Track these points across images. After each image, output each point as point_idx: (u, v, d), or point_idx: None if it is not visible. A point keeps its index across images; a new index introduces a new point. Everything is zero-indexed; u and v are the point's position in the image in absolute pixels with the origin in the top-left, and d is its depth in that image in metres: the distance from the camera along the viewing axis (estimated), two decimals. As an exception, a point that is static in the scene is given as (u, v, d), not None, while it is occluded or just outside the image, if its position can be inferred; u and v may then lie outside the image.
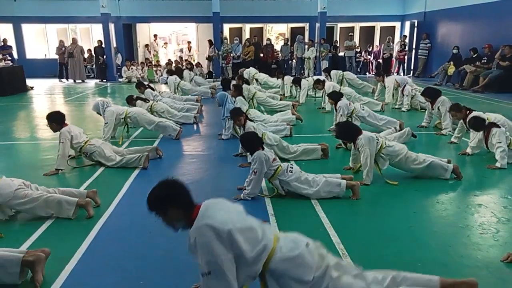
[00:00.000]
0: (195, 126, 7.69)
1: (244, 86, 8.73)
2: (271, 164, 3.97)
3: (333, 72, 11.37)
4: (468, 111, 5.65)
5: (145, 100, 7.79)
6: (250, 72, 12.47)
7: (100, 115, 6.42)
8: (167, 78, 11.48)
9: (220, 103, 6.56)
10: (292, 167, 4.08)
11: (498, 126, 5.08)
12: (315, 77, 10.68)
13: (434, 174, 4.48)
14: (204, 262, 2.03)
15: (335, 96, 6.59)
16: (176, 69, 14.12)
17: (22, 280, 2.66)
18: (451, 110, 5.83)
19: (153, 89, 9.08)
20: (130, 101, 7.61)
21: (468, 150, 5.40)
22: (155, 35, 18.83)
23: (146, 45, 18.53)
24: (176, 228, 2.24)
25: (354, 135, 4.41)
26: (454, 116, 5.84)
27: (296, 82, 10.15)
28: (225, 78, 9.48)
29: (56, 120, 4.98)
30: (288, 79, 10.93)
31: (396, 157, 4.43)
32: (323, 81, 9.08)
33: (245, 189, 4.06)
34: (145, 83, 9.49)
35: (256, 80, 12.32)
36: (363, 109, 6.56)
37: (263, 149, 4.01)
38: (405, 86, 8.87)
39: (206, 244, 2.03)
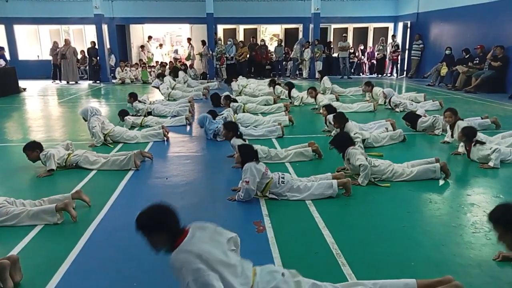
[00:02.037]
0: (188, 127, 7.68)
1: (232, 105, 8.60)
2: (264, 174, 3.99)
3: (326, 78, 11.37)
4: (458, 118, 5.83)
5: (137, 115, 7.94)
6: (240, 83, 12.28)
7: (85, 120, 6.35)
8: (160, 84, 11.42)
9: (201, 125, 6.60)
10: (283, 178, 4.10)
11: (484, 143, 5.14)
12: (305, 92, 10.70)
13: (423, 178, 4.53)
14: (192, 281, 2.04)
15: (330, 109, 6.63)
16: (173, 69, 14.07)
17: None
18: (447, 111, 5.94)
19: (143, 101, 9.03)
20: (122, 115, 7.54)
21: (461, 150, 5.45)
22: (149, 37, 18.77)
23: (141, 46, 18.47)
24: (158, 251, 2.27)
25: (345, 146, 4.55)
26: (448, 117, 5.90)
27: (288, 86, 10.07)
28: (215, 94, 9.44)
29: (38, 147, 4.97)
30: (281, 87, 10.78)
31: (382, 176, 4.53)
32: (317, 92, 9.06)
33: (239, 191, 4.07)
34: (145, 97, 9.40)
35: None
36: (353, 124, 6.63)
37: (258, 162, 4.04)
38: (391, 98, 9.03)
39: (188, 264, 2.06)
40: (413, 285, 2.37)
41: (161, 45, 19.53)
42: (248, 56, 16.76)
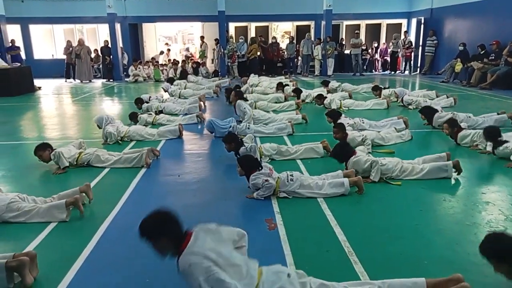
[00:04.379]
0: (199, 125, 7.70)
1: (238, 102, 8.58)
2: (269, 175, 3.99)
3: (332, 83, 11.31)
4: (457, 130, 5.74)
5: (148, 113, 7.95)
6: (252, 82, 12.26)
7: (100, 128, 6.44)
8: (169, 87, 11.55)
9: (210, 131, 6.61)
10: (292, 176, 4.08)
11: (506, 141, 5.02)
12: (315, 90, 10.61)
13: (435, 177, 4.44)
14: (203, 281, 2.07)
15: (334, 116, 6.53)
16: (181, 73, 14.18)
17: (12, 284, 2.64)
18: (446, 123, 5.89)
19: (147, 102, 9.16)
20: (134, 117, 7.62)
21: (489, 149, 5.31)
22: (169, 50, 18.97)
23: (161, 52, 18.71)
24: (164, 256, 2.31)
25: (346, 157, 4.51)
26: (446, 129, 5.84)
27: (296, 92, 10.02)
28: (228, 89, 9.54)
29: (48, 146, 5.06)
30: (289, 89, 10.72)
31: (391, 174, 4.46)
32: (324, 97, 8.97)
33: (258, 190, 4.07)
34: (145, 96, 9.54)
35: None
36: (363, 122, 6.56)
37: (261, 168, 4.04)
38: (403, 97, 8.94)
39: (197, 265, 2.09)
40: (422, 284, 2.35)
41: (168, 49, 19.58)
42: (258, 53, 16.73)
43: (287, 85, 11.00)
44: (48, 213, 3.60)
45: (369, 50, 17.81)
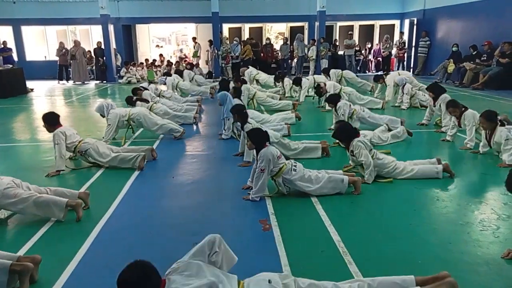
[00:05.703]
0: (194, 126, 7.70)
1: (244, 86, 8.73)
2: (277, 161, 3.95)
3: (332, 71, 11.37)
4: (464, 109, 5.74)
5: (145, 101, 7.76)
6: (251, 72, 12.44)
7: (103, 116, 6.40)
8: (165, 78, 11.42)
9: (221, 103, 6.53)
10: (296, 166, 4.07)
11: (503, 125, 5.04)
12: (316, 76, 10.73)
13: (425, 177, 4.47)
14: None
15: (334, 99, 6.53)
16: (176, 71, 14.13)
17: (11, 287, 2.60)
18: (449, 107, 5.89)
19: (147, 89, 9.08)
20: (130, 101, 7.60)
21: (480, 149, 5.34)
22: (161, 54, 18.85)
23: (161, 55, 18.65)
24: None
25: (350, 137, 4.47)
26: (453, 112, 5.85)
27: (297, 82, 10.11)
28: (224, 79, 9.54)
29: (48, 120, 4.96)
30: (288, 81, 10.88)
31: (383, 170, 4.49)
32: (324, 86, 8.97)
33: (251, 188, 4.06)
34: (144, 84, 9.51)
35: (257, 81, 12.28)
36: (363, 111, 6.57)
37: (269, 143, 4.02)
38: (405, 84, 8.86)
39: None
40: (411, 281, 2.36)
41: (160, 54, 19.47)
42: (252, 54, 16.73)
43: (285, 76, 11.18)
44: (47, 208, 3.54)
45: (363, 51, 17.89)
